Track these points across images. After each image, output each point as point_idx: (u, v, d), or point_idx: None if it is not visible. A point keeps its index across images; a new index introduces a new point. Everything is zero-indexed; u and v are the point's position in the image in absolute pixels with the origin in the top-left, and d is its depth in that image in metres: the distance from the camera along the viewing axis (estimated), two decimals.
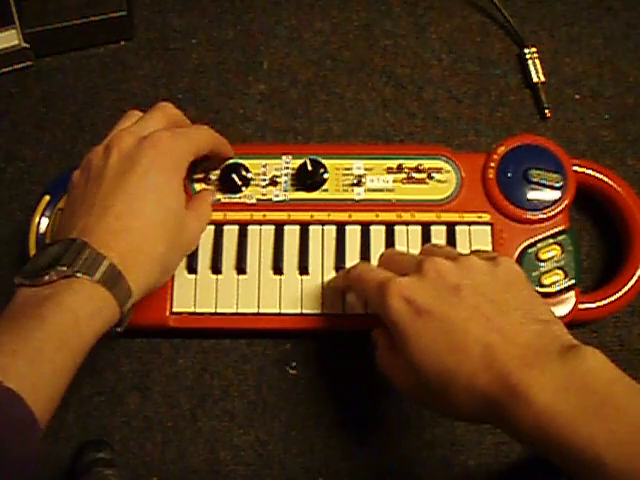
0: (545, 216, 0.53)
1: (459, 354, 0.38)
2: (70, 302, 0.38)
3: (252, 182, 0.54)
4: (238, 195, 0.54)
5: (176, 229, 0.45)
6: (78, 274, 0.39)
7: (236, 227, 0.53)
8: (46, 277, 0.39)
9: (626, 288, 0.52)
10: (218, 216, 0.53)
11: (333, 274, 0.52)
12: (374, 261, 0.52)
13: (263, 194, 0.54)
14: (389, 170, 0.55)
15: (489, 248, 0.52)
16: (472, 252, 0.44)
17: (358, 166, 0.55)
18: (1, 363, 0.35)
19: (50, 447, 0.51)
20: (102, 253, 0.40)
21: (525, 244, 0.52)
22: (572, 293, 0.51)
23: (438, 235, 0.53)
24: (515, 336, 0.38)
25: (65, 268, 0.39)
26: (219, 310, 0.51)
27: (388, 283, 0.42)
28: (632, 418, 0.33)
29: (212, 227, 0.53)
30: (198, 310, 0.51)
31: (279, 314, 0.51)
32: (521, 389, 0.35)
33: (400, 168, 0.54)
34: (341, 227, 0.53)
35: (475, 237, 0.53)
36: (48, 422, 0.37)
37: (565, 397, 0.35)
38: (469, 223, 0.53)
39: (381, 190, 0.54)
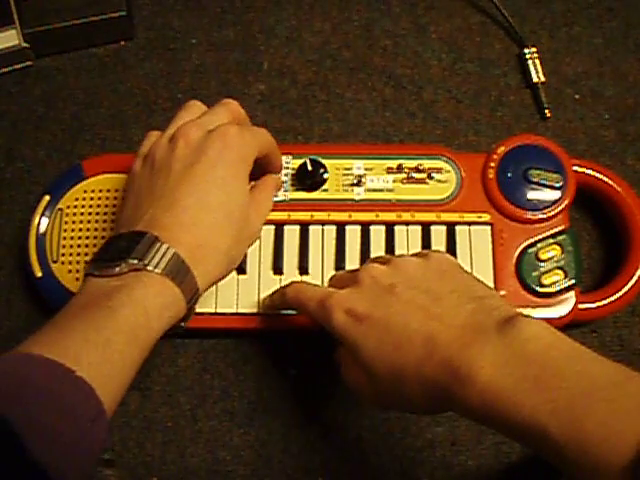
0: (545, 216, 0.53)
1: (403, 348, 0.39)
2: (140, 296, 0.38)
3: None
4: None
5: (241, 222, 0.44)
6: (149, 267, 0.39)
7: None
8: (117, 269, 0.39)
9: (626, 288, 0.52)
10: None
11: (333, 274, 0.52)
12: None
13: None
14: (389, 170, 0.55)
15: (489, 248, 0.52)
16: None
17: (358, 166, 0.55)
18: (74, 352, 0.35)
19: None
20: (171, 247, 0.40)
21: (525, 244, 0.52)
22: (572, 293, 0.51)
23: (438, 235, 0.53)
24: (452, 319, 0.39)
25: (136, 261, 0.39)
26: (219, 310, 0.51)
27: (328, 299, 0.43)
28: (570, 383, 0.33)
29: None
30: (198, 310, 0.51)
31: (279, 314, 0.51)
32: (463, 371, 0.36)
33: (400, 168, 0.55)
34: (341, 227, 0.53)
35: (475, 237, 0.53)
36: (113, 413, 0.37)
37: (505, 371, 0.35)
38: (469, 223, 0.53)
39: (381, 190, 0.54)
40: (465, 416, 0.37)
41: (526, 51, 0.61)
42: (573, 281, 0.52)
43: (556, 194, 0.53)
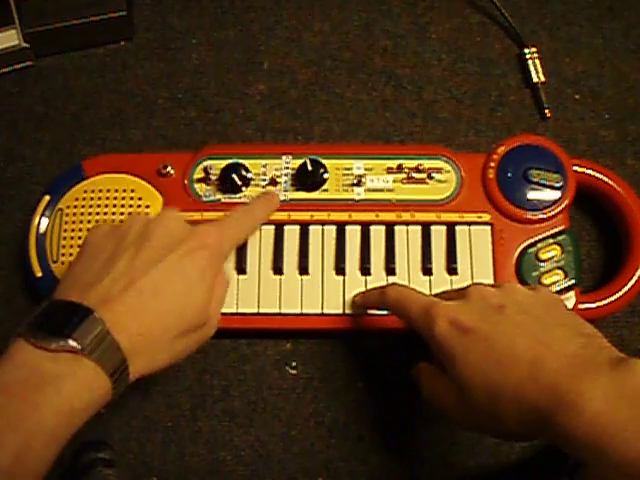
0: (545, 216, 0.53)
1: (506, 367, 0.39)
2: (69, 391, 0.37)
3: (252, 182, 0.54)
4: (238, 195, 0.54)
5: (194, 320, 0.43)
6: (85, 353, 0.37)
7: None
8: (53, 345, 0.37)
9: (626, 288, 0.52)
10: (218, 216, 0.53)
11: (333, 274, 0.52)
12: (374, 261, 0.52)
13: None
14: (389, 170, 0.55)
15: (489, 248, 0.52)
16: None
17: (358, 166, 0.55)
18: None
19: None
20: (114, 335, 0.38)
21: (525, 244, 0.52)
22: (572, 293, 0.51)
23: (438, 235, 0.53)
24: (562, 348, 0.38)
25: (75, 344, 0.37)
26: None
27: (434, 307, 0.43)
28: None
29: None
30: None
31: (279, 314, 0.51)
32: (571, 398, 0.35)
33: (400, 168, 0.55)
34: (341, 227, 0.53)
35: (475, 237, 0.53)
36: None
37: (618, 407, 0.34)
38: (469, 223, 0.53)
39: (381, 190, 0.54)
40: (562, 444, 0.36)
41: (526, 51, 0.61)
42: (573, 281, 0.52)
43: (556, 194, 0.53)
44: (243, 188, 0.54)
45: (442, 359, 0.42)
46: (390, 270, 0.52)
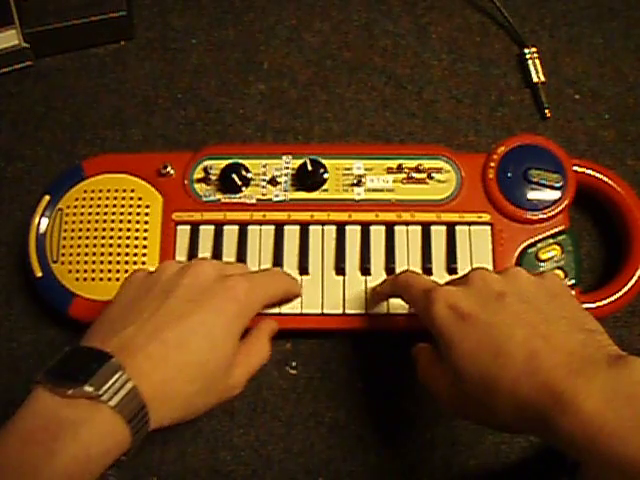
0: (545, 216, 0.53)
1: (503, 359, 0.38)
2: (86, 438, 0.36)
3: (252, 182, 0.54)
4: (238, 195, 0.54)
5: (217, 374, 0.42)
6: (102, 399, 0.36)
7: (236, 227, 0.54)
8: (70, 391, 0.36)
9: (626, 288, 0.52)
10: (218, 216, 0.53)
11: (333, 274, 0.52)
12: (374, 261, 0.52)
13: (263, 194, 0.54)
14: (389, 170, 0.55)
15: (489, 248, 0.52)
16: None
17: (358, 166, 0.55)
18: None
19: None
20: (133, 381, 0.38)
21: (525, 244, 0.53)
22: (572, 293, 0.51)
23: (438, 235, 0.53)
24: (560, 343, 0.37)
25: (91, 389, 0.36)
26: None
27: (434, 290, 0.43)
28: None
29: (212, 227, 0.53)
30: None
31: (279, 314, 0.51)
32: (567, 397, 0.35)
33: (400, 168, 0.55)
34: (341, 227, 0.53)
35: (475, 237, 0.53)
36: None
37: (614, 406, 0.34)
38: (469, 223, 0.53)
39: (381, 190, 0.54)
40: (557, 443, 0.36)
41: (526, 51, 0.61)
42: (573, 281, 0.52)
43: (556, 194, 0.53)
44: (243, 188, 0.54)
45: (440, 343, 0.42)
46: (390, 270, 0.52)
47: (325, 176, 0.54)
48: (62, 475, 0.35)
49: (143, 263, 0.52)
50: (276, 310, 0.51)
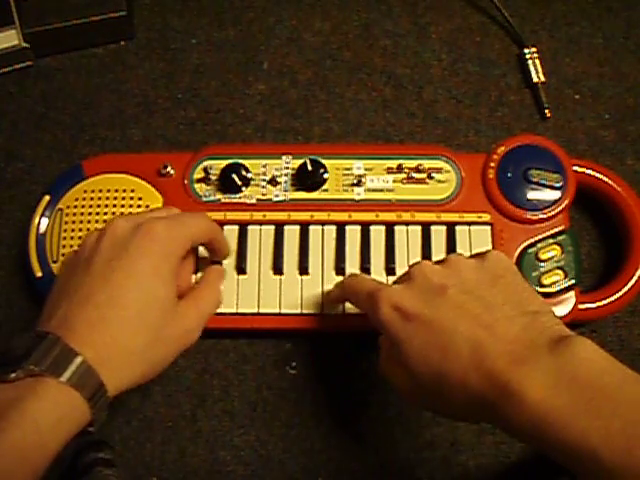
0: (545, 216, 0.53)
1: (449, 354, 0.39)
2: (33, 410, 0.36)
3: (252, 182, 0.54)
4: (238, 195, 0.54)
5: (161, 321, 0.42)
6: (45, 374, 0.37)
7: (236, 227, 0.54)
8: (12, 374, 0.37)
9: (626, 288, 0.52)
10: (218, 216, 0.53)
11: (333, 274, 0.52)
12: (374, 261, 0.52)
13: (263, 194, 0.54)
14: (389, 170, 0.55)
15: (489, 248, 0.52)
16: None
17: (358, 166, 0.55)
18: None
19: None
20: (75, 349, 0.38)
21: (525, 244, 0.52)
22: (572, 293, 0.51)
23: (438, 235, 0.53)
24: (503, 332, 0.38)
25: (32, 366, 0.37)
26: (219, 310, 0.51)
27: (377, 292, 0.43)
28: (624, 410, 0.33)
29: None
30: None
31: (279, 314, 0.51)
32: (512, 387, 0.35)
33: (400, 168, 0.55)
34: (341, 227, 0.53)
35: (475, 237, 0.53)
36: None
37: (556, 393, 0.34)
38: (469, 223, 0.53)
39: (381, 190, 0.54)
40: (508, 432, 0.37)
41: (526, 51, 0.61)
42: (573, 281, 0.52)
43: (556, 194, 0.53)
44: (243, 188, 0.54)
45: (391, 342, 0.42)
46: (390, 270, 0.52)
47: (325, 176, 0.54)
48: (13, 452, 0.35)
49: None
50: (276, 310, 0.51)
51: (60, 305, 0.41)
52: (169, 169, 0.55)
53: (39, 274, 0.53)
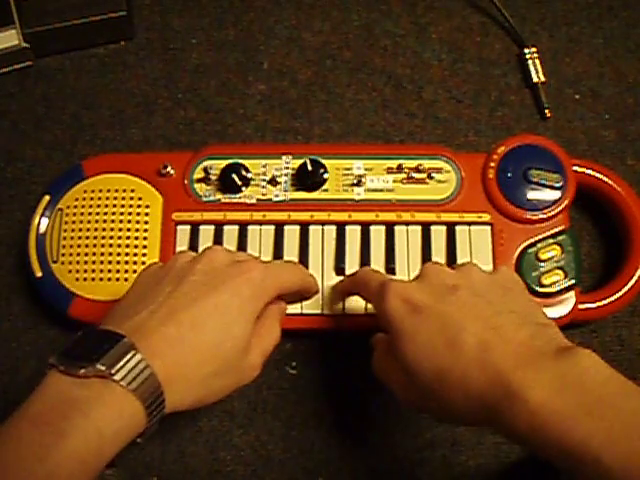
0: (545, 216, 0.53)
1: (454, 351, 0.38)
2: (98, 417, 0.35)
3: (252, 182, 0.54)
4: (238, 195, 0.54)
5: (232, 356, 0.42)
6: (115, 378, 0.36)
7: (236, 227, 0.54)
8: (81, 370, 0.36)
9: (626, 288, 0.52)
10: (218, 216, 0.53)
11: (333, 274, 0.52)
12: (374, 261, 0.52)
13: (263, 194, 0.54)
14: (389, 170, 0.55)
15: (489, 248, 0.52)
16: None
17: (358, 166, 0.55)
18: None
19: None
20: (147, 360, 0.38)
21: (525, 244, 0.53)
22: (572, 293, 0.51)
23: (438, 235, 0.53)
24: (510, 335, 0.38)
25: (103, 368, 0.36)
26: None
27: (389, 283, 0.43)
28: (627, 417, 0.33)
29: (212, 227, 0.53)
30: None
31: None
32: (515, 388, 0.35)
33: (400, 168, 0.55)
34: (341, 227, 0.53)
35: (475, 237, 0.53)
36: None
37: (560, 396, 0.34)
38: (469, 223, 0.53)
39: (381, 190, 0.54)
40: (508, 435, 0.37)
41: (526, 51, 0.61)
42: (573, 281, 0.52)
43: (556, 194, 0.53)
44: (243, 188, 0.54)
45: (391, 336, 0.42)
46: (390, 270, 0.52)
47: (325, 176, 0.54)
48: (73, 457, 0.34)
49: (143, 263, 0.52)
50: None
51: (137, 310, 0.41)
52: (169, 169, 0.55)
53: (39, 274, 0.53)
